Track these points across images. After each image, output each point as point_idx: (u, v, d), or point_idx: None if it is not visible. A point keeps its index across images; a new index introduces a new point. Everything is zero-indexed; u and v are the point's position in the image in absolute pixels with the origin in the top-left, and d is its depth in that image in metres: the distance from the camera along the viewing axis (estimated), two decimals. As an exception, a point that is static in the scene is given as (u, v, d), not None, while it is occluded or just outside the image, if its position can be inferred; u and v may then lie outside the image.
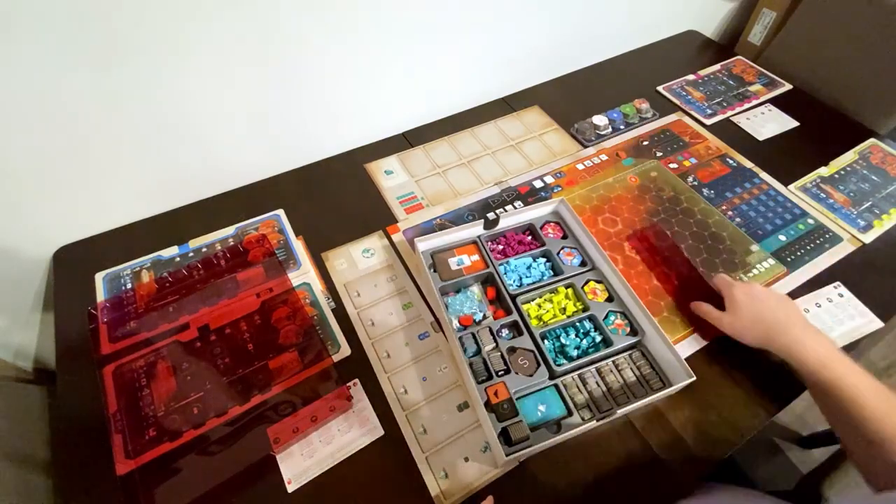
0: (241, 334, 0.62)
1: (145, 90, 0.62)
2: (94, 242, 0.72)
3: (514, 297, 0.61)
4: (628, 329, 0.60)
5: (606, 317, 0.61)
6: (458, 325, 0.61)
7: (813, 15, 0.98)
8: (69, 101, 0.59)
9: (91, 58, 0.56)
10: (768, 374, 0.59)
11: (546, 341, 0.59)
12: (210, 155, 0.75)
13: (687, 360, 0.57)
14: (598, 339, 0.60)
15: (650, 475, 0.53)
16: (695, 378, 0.54)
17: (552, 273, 0.66)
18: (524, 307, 0.61)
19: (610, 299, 0.63)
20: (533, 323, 0.60)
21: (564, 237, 0.69)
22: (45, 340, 0.78)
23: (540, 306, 0.62)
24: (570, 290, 0.64)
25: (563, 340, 0.59)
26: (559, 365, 0.56)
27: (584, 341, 0.59)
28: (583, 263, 0.66)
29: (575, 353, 0.58)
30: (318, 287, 0.67)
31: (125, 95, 0.61)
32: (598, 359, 0.58)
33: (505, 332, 0.60)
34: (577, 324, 0.61)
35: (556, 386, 0.56)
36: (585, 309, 0.61)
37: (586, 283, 0.64)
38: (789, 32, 1.02)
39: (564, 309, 0.62)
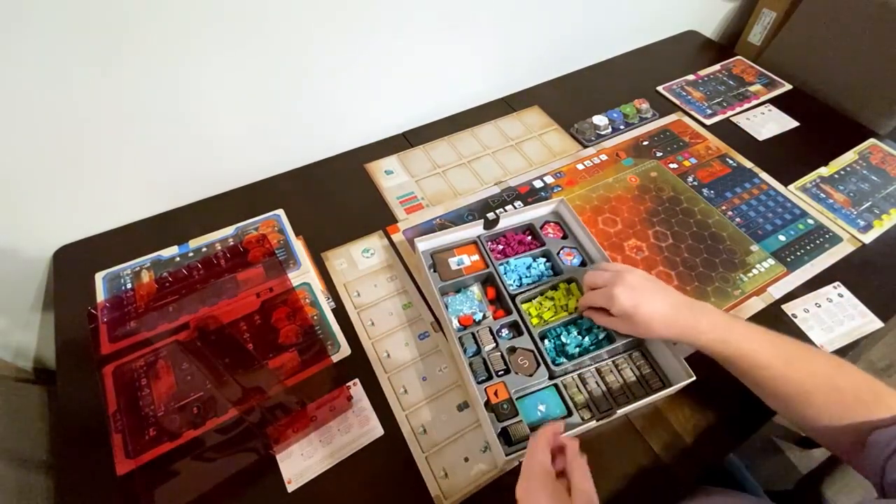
0: (241, 334, 0.62)
1: (145, 90, 0.62)
2: (94, 242, 0.72)
3: (513, 297, 0.61)
4: None
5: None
6: (458, 325, 0.61)
7: (813, 15, 0.98)
8: (69, 101, 0.59)
9: (91, 58, 0.56)
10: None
11: (546, 341, 0.59)
12: (210, 155, 0.75)
13: (687, 360, 0.56)
14: (602, 335, 0.58)
15: (650, 475, 0.53)
16: (695, 378, 0.53)
17: (552, 273, 0.65)
18: (524, 306, 0.60)
19: None
20: (533, 322, 0.59)
21: (564, 237, 0.69)
22: (45, 340, 0.78)
23: (541, 304, 0.62)
24: (572, 286, 0.63)
25: (563, 339, 0.58)
26: (558, 364, 0.56)
27: (587, 338, 0.58)
28: (583, 263, 0.66)
29: (576, 350, 0.57)
30: (318, 287, 0.67)
31: (125, 95, 0.61)
32: (600, 357, 0.57)
33: (505, 332, 0.60)
34: (579, 321, 0.60)
35: (556, 386, 0.56)
36: None
37: None
38: (789, 32, 1.03)
39: (566, 306, 0.61)
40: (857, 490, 0.65)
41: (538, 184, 0.80)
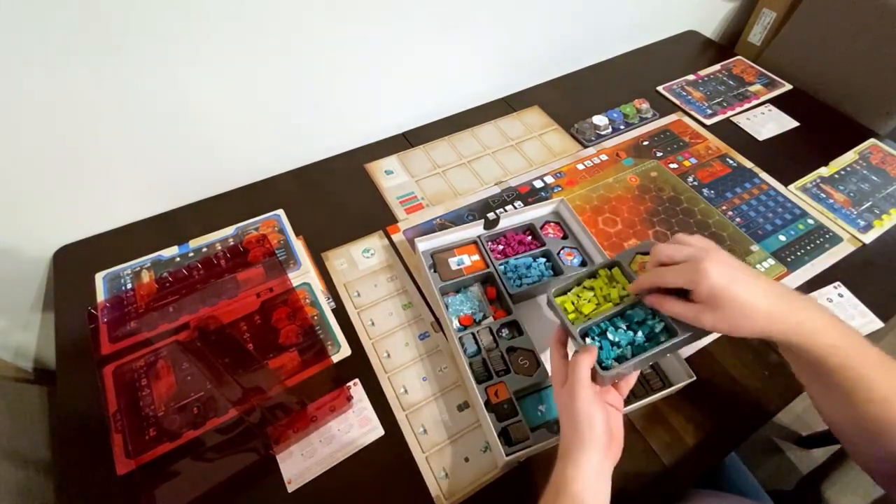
0: (241, 334, 0.62)
1: (145, 90, 0.62)
2: (94, 242, 0.72)
3: (513, 297, 0.61)
4: None
5: None
6: (458, 325, 0.61)
7: (813, 15, 0.98)
8: (69, 101, 0.59)
9: (91, 57, 0.56)
10: (768, 374, 0.59)
11: (588, 339, 0.47)
12: (210, 155, 0.75)
13: (687, 360, 0.56)
14: (658, 327, 0.46)
15: (650, 475, 0.53)
16: (695, 378, 0.54)
17: (552, 273, 0.65)
18: (557, 300, 0.49)
19: None
20: (570, 318, 0.48)
21: (564, 237, 0.69)
22: (45, 340, 0.78)
23: (578, 296, 0.50)
24: (614, 271, 0.50)
25: (610, 336, 0.46)
26: (607, 368, 0.44)
27: (639, 334, 0.46)
28: (583, 263, 0.66)
29: (627, 349, 0.46)
30: (318, 287, 0.67)
31: (126, 95, 0.61)
32: (661, 353, 0.44)
33: (505, 332, 0.60)
34: (628, 312, 0.48)
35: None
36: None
37: (632, 259, 0.50)
38: (789, 32, 1.03)
39: (609, 296, 0.49)
40: (857, 490, 0.65)
41: (538, 184, 0.80)
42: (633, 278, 0.47)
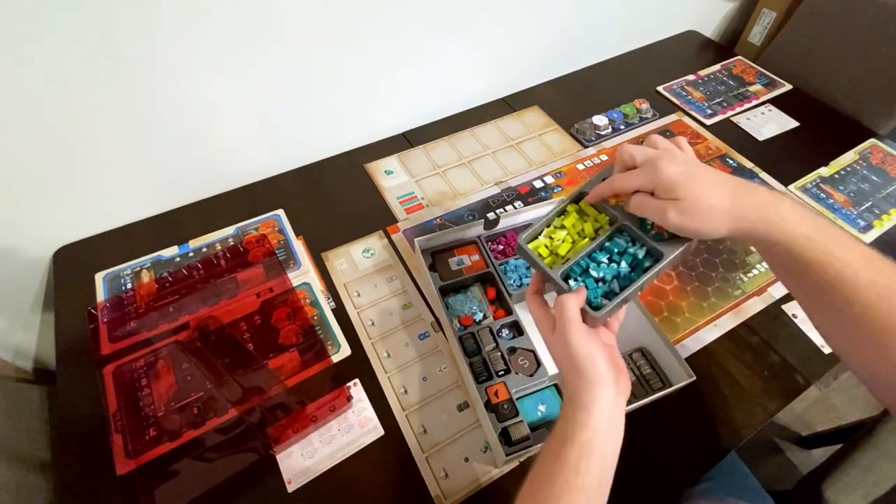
0: (241, 334, 0.62)
1: (145, 90, 0.62)
2: (94, 242, 0.72)
3: (513, 297, 0.61)
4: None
5: (642, 221, 0.43)
6: (458, 325, 0.61)
7: (813, 15, 0.98)
8: (70, 101, 0.59)
9: (92, 58, 0.56)
10: (768, 374, 0.59)
11: (572, 281, 0.43)
12: (210, 155, 0.75)
13: (687, 360, 0.56)
14: (641, 253, 0.43)
15: (650, 475, 0.53)
16: (695, 378, 0.53)
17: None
18: (530, 246, 0.46)
19: None
20: (547, 262, 0.44)
21: (564, 237, 0.69)
22: (45, 340, 0.78)
23: (551, 239, 0.46)
24: (583, 205, 0.47)
25: (594, 272, 0.43)
26: (598, 308, 0.41)
27: (623, 264, 0.43)
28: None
29: (615, 284, 0.42)
30: (318, 287, 0.67)
31: (126, 96, 0.61)
32: (648, 280, 0.42)
33: (505, 332, 0.60)
34: (608, 244, 0.44)
35: (556, 386, 0.56)
36: (612, 221, 0.45)
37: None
38: (789, 32, 1.02)
39: (582, 232, 0.46)
40: (857, 490, 0.65)
41: (538, 184, 0.80)
42: (605, 207, 0.45)
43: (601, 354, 0.39)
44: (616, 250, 0.44)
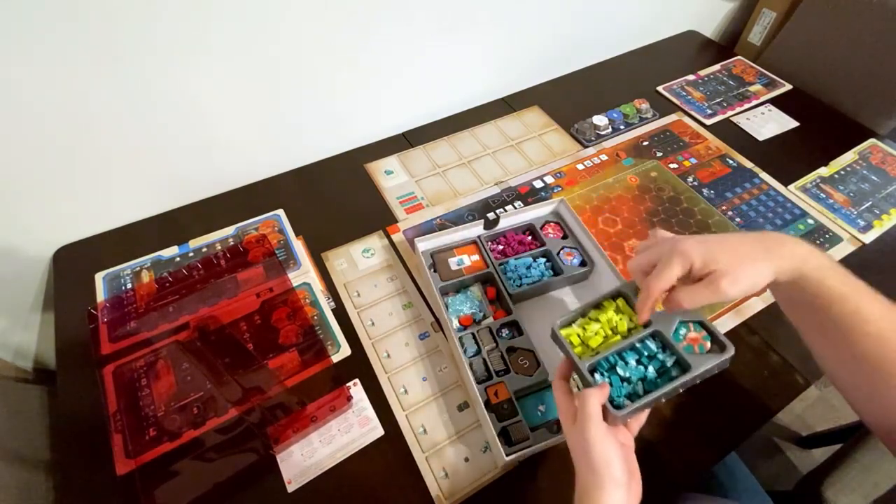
0: (241, 334, 0.62)
1: (145, 90, 0.62)
2: (94, 242, 0.72)
3: (513, 297, 0.61)
4: (708, 344, 0.44)
5: (676, 330, 0.44)
6: (458, 325, 0.61)
7: (813, 15, 0.98)
8: (70, 101, 0.59)
9: (91, 58, 0.56)
10: (768, 374, 0.59)
11: (598, 375, 0.44)
12: (210, 155, 0.75)
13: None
14: (670, 361, 0.43)
15: (649, 475, 0.53)
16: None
17: (552, 273, 0.65)
18: (562, 332, 0.47)
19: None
20: (577, 352, 0.45)
21: (564, 237, 0.69)
22: (45, 340, 0.78)
23: (584, 328, 0.47)
24: (619, 302, 0.48)
25: (620, 372, 0.43)
26: (620, 408, 0.41)
27: (650, 368, 0.43)
28: (583, 263, 0.66)
29: (639, 386, 0.43)
30: (318, 287, 0.67)
31: (126, 96, 0.61)
32: (674, 389, 0.42)
33: (505, 332, 0.60)
34: (638, 346, 0.45)
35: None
36: (646, 325, 0.45)
37: (636, 287, 0.46)
38: (789, 32, 1.03)
39: (615, 328, 0.46)
40: (857, 490, 0.65)
41: (538, 184, 0.80)
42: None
43: (617, 456, 0.39)
44: (646, 353, 0.44)
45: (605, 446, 0.39)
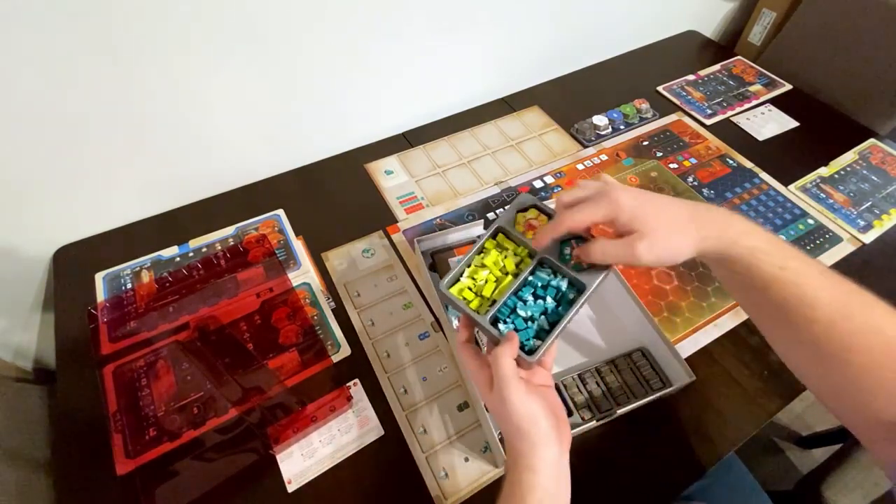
0: (241, 334, 0.62)
1: (145, 89, 0.62)
2: (94, 242, 0.72)
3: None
4: None
5: (561, 252, 0.43)
6: (458, 325, 0.61)
7: (813, 15, 0.98)
8: (70, 101, 0.59)
9: (92, 57, 0.56)
10: (768, 374, 0.59)
11: (501, 325, 0.42)
12: (210, 155, 0.75)
13: (687, 360, 0.56)
14: (564, 285, 0.42)
15: (650, 475, 0.53)
16: (695, 378, 0.54)
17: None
18: (452, 291, 0.44)
19: None
20: (472, 306, 0.42)
21: (564, 237, 0.69)
22: (45, 340, 0.78)
23: (474, 280, 0.44)
24: (500, 238, 0.46)
25: (521, 313, 0.42)
26: (531, 352, 0.40)
27: (549, 299, 0.42)
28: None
29: (543, 320, 0.42)
30: (318, 287, 0.67)
31: (126, 96, 0.61)
32: (575, 312, 0.41)
33: (505, 332, 0.60)
34: (531, 279, 0.43)
35: (555, 386, 0.56)
36: (531, 254, 0.44)
37: (514, 219, 0.45)
38: (789, 32, 1.03)
39: (504, 268, 0.44)
40: (857, 490, 0.65)
41: (538, 184, 0.80)
42: (521, 240, 0.44)
43: (541, 412, 0.38)
44: (540, 284, 0.43)
45: (528, 406, 0.37)
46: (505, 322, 0.42)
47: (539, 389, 0.39)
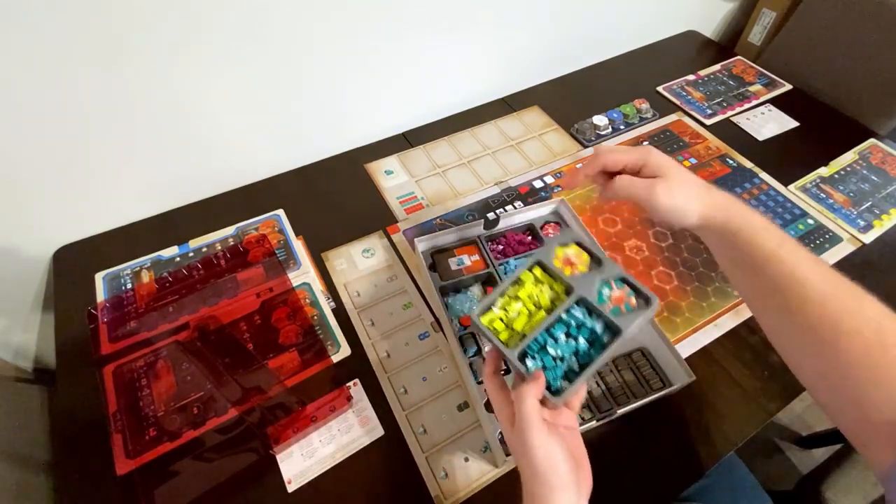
0: (241, 334, 0.62)
1: (145, 89, 0.62)
2: (94, 242, 0.72)
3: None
4: (633, 300, 0.42)
5: (599, 293, 0.42)
6: (458, 325, 0.61)
7: (813, 15, 0.98)
8: (70, 101, 0.59)
9: (92, 57, 0.56)
10: (768, 374, 0.59)
11: (529, 360, 0.40)
12: (210, 155, 0.75)
13: (687, 360, 0.56)
14: (599, 327, 0.41)
15: (650, 475, 0.53)
16: (695, 378, 0.54)
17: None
18: (483, 321, 0.42)
19: (597, 262, 0.44)
20: (502, 338, 0.41)
21: (564, 237, 0.69)
22: (45, 340, 0.78)
23: (506, 311, 0.43)
24: (537, 271, 0.44)
25: (552, 352, 0.40)
26: (557, 392, 0.39)
27: (581, 339, 0.41)
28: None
29: (573, 361, 0.41)
30: (318, 287, 0.67)
31: (125, 95, 0.61)
32: (608, 357, 0.40)
33: (505, 332, 0.60)
34: (564, 317, 0.41)
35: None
36: (568, 291, 0.43)
37: (553, 253, 0.45)
38: (789, 32, 1.03)
39: (538, 302, 0.43)
40: (856, 490, 0.65)
41: (538, 184, 0.80)
42: (559, 275, 0.43)
43: (561, 455, 0.37)
44: (574, 323, 0.41)
45: (549, 449, 0.36)
46: (533, 358, 0.41)
47: (562, 431, 0.38)
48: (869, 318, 0.36)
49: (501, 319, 0.42)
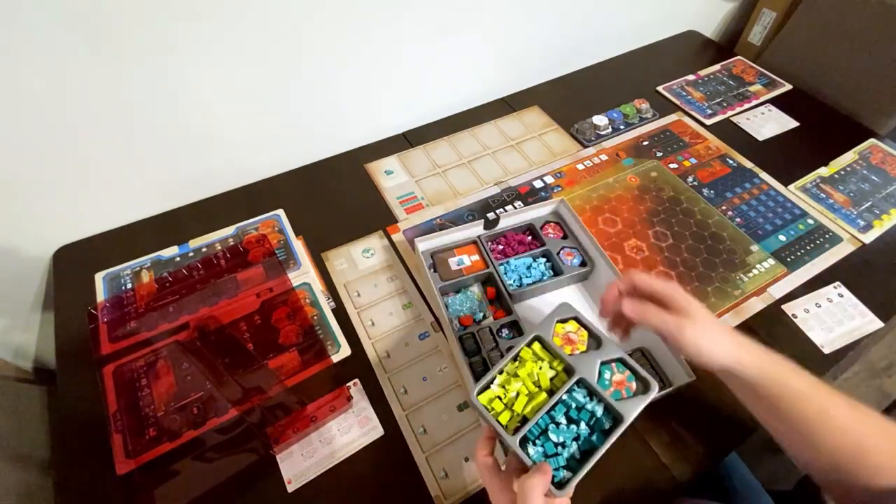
0: (241, 334, 0.62)
1: (146, 89, 0.62)
2: (94, 242, 0.72)
3: (513, 297, 0.61)
4: (633, 384, 0.43)
5: (601, 374, 0.43)
6: (458, 325, 0.61)
7: (813, 15, 0.98)
8: (70, 101, 0.59)
9: (92, 57, 0.56)
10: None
11: (530, 446, 0.39)
12: (210, 155, 0.75)
13: (687, 359, 0.56)
14: (599, 410, 0.41)
15: (650, 475, 0.53)
16: (695, 378, 0.53)
17: (552, 273, 0.65)
18: (481, 399, 0.42)
19: (597, 343, 0.44)
20: (502, 419, 0.40)
21: (564, 237, 0.69)
22: (45, 340, 0.78)
23: (505, 390, 0.42)
24: (536, 347, 0.45)
25: (553, 437, 0.39)
26: (561, 485, 0.38)
27: (582, 424, 0.40)
28: (583, 263, 0.66)
29: (574, 448, 0.40)
30: (318, 287, 0.67)
31: (126, 96, 0.61)
32: (609, 445, 0.40)
33: (505, 332, 0.60)
34: (565, 398, 0.41)
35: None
36: (567, 370, 0.43)
37: (552, 329, 0.46)
38: (789, 32, 1.03)
39: (538, 381, 0.43)
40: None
41: (538, 184, 0.80)
42: (558, 353, 0.44)
43: None
44: (574, 405, 0.41)
45: None
46: (534, 444, 0.40)
47: None
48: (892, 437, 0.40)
49: (500, 398, 0.42)
